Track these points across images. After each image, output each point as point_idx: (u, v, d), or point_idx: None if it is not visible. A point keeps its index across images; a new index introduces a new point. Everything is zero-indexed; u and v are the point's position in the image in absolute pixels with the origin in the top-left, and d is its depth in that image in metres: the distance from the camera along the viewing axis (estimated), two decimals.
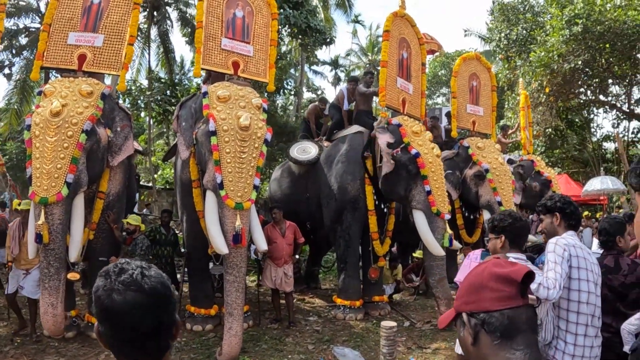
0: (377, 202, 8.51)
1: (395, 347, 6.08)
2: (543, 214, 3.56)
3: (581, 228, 11.56)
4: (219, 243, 6.24)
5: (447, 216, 7.78)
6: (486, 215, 9.39)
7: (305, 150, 9.51)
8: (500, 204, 9.14)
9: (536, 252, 9.45)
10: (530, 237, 9.33)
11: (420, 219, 7.75)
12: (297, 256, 8.18)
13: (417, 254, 10.19)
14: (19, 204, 7.25)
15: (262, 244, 6.82)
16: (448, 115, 10.96)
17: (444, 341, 7.32)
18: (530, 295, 1.39)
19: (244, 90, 6.95)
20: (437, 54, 18.15)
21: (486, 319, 1.34)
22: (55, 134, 6.11)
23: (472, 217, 10.38)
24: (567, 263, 3.18)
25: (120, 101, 15.51)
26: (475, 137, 10.22)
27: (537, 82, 17.36)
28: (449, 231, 7.68)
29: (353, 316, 8.47)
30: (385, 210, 8.91)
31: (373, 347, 6.94)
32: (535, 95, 17.40)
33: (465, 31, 27.14)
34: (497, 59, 22.69)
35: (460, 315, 1.43)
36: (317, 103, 11.02)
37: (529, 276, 1.38)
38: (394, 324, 6.07)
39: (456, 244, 8.48)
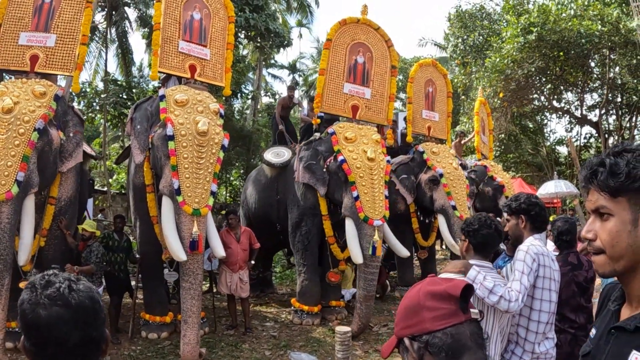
0: (333, 208, 8.49)
1: (350, 351, 6.10)
2: (508, 215, 3.52)
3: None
4: (176, 250, 6.14)
5: (378, 222, 7.51)
6: (441, 219, 9.50)
7: (278, 154, 9.60)
8: (454, 207, 9.28)
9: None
10: None
11: (347, 226, 7.72)
12: (252, 262, 8.14)
13: None
14: None
15: (219, 251, 6.75)
16: (406, 119, 11.09)
17: None
18: (472, 309, 1.36)
19: (202, 94, 6.89)
20: None
21: (429, 340, 1.29)
22: (6, 131, 5.91)
23: (427, 221, 10.52)
24: (534, 274, 3.17)
25: (75, 103, 15.21)
26: (430, 142, 10.36)
27: (492, 88, 17.69)
28: (377, 238, 7.44)
29: (310, 321, 8.47)
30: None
31: (330, 352, 6.95)
32: (490, 101, 17.73)
33: (420, 40, 27.48)
34: (453, 65, 23.05)
35: (402, 342, 1.38)
36: (285, 96, 11.33)
37: (468, 290, 1.34)
38: (348, 328, 6.09)
39: (403, 252, 8.46)
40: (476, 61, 19.87)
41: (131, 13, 20.74)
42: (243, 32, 16.21)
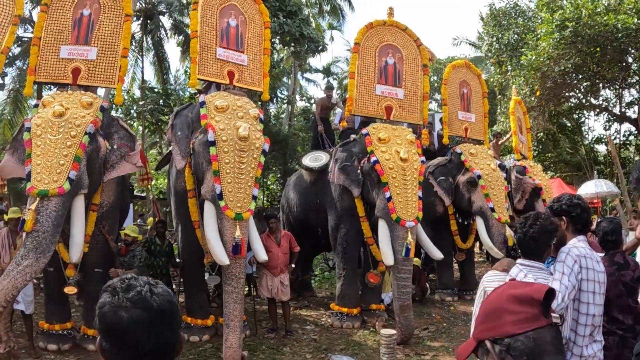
0: (369, 209, 8.45)
1: (395, 355, 6.09)
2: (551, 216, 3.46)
3: None
4: (219, 254, 6.21)
5: (410, 223, 7.43)
6: (479, 221, 9.41)
7: (317, 158, 9.69)
8: (493, 210, 9.18)
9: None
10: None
11: (380, 227, 7.70)
12: (292, 265, 8.18)
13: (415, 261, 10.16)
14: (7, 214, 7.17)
15: (262, 254, 6.82)
16: (442, 121, 11.03)
17: (441, 348, 7.34)
18: (553, 314, 1.36)
19: (241, 100, 6.98)
20: (431, 61, 18.27)
21: (511, 344, 1.30)
22: (57, 133, 6.08)
23: (465, 223, 10.42)
24: (576, 275, 3.12)
25: (113, 111, 15.52)
26: (468, 143, 10.28)
27: (529, 87, 17.43)
28: (410, 240, 7.34)
29: (350, 324, 8.46)
30: None
31: (371, 355, 6.96)
32: (526, 99, 17.48)
33: (455, 39, 27.23)
34: (489, 64, 22.76)
35: (481, 344, 1.39)
36: (324, 97, 11.42)
37: (550, 294, 1.34)
38: (393, 331, 6.10)
39: (436, 254, 8.35)
40: (512, 59, 19.58)
41: (166, 21, 21.13)
42: (278, 37, 16.30)
